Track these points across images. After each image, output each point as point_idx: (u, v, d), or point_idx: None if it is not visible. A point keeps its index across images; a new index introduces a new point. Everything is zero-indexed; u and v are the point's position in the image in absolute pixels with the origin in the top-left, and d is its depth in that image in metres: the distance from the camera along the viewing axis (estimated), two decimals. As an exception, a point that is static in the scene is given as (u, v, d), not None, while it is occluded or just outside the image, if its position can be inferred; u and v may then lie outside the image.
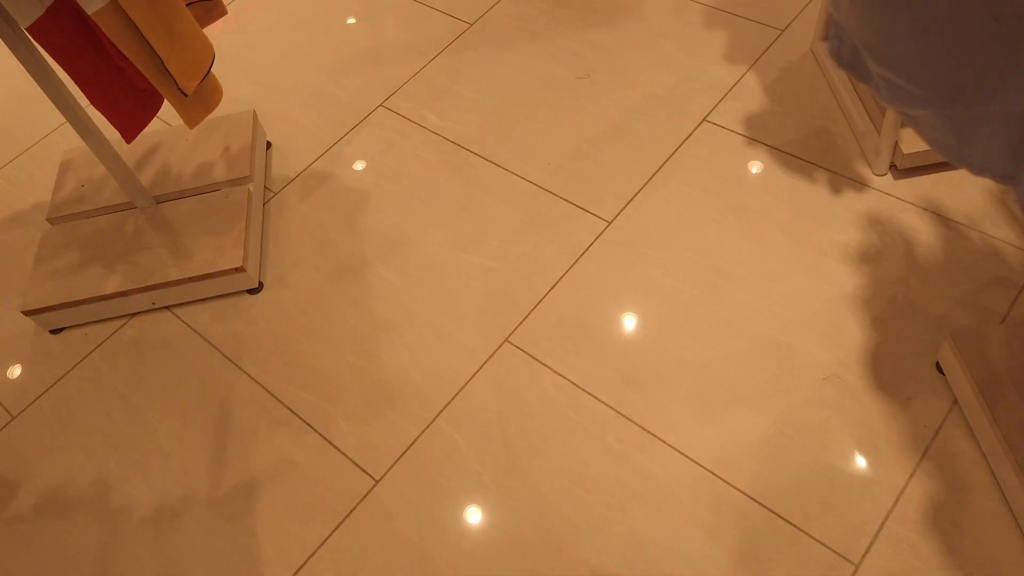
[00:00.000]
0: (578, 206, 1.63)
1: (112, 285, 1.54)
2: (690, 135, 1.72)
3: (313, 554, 1.25)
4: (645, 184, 1.64)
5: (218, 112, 1.97)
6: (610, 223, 1.59)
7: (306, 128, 1.91)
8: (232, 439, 1.40)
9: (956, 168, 1.54)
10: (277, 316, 1.56)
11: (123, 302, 1.55)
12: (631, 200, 1.62)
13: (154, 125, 2.00)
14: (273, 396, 1.44)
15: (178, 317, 1.59)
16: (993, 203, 1.48)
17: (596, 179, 1.67)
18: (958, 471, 1.20)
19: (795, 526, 1.18)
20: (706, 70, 1.83)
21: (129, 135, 1.39)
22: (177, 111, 1.30)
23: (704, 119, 1.74)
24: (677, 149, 1.70)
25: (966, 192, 1.50)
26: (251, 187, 1.67)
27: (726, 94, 1.78)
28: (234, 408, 1.44)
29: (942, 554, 1.13)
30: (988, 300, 1.36)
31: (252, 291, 1.59)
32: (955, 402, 1.26)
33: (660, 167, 1.67)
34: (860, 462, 1.23)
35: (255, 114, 1.81)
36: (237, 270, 1.52)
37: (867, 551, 1.15)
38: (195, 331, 1.56)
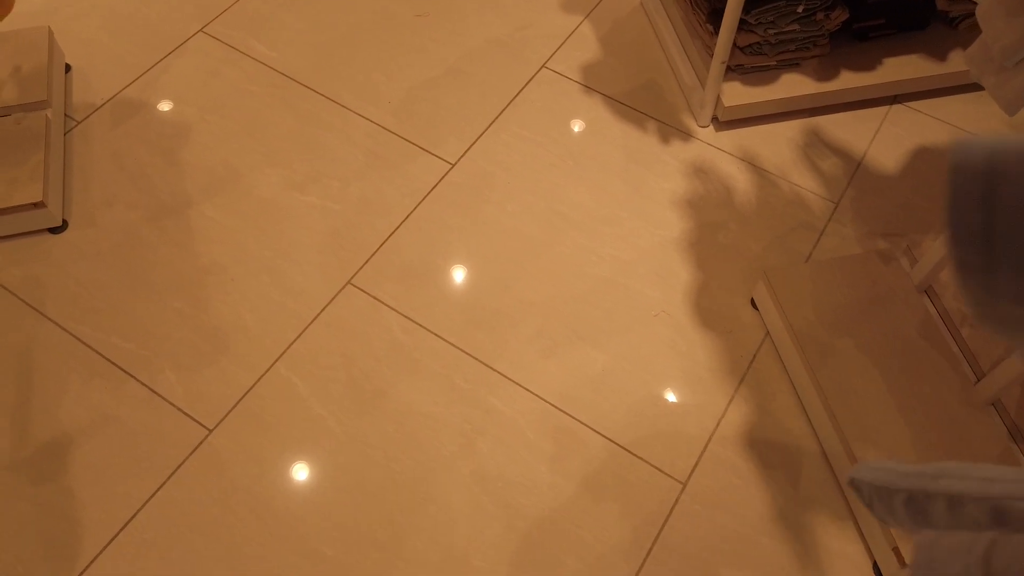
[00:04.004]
0: (420, 147, 1.60)
1: None
2: (530, 80, 1.73)
3: (140, 510, 1.16)
4: (488, 127, 1.64)
5: (6, 27, 1.71)
6: (453, 165, 1.58)
7: (112, 51, 1.71)
8: (37, 393, 1.25)
9: (770, 122, 1.67)
10: (87, 258, 1.40)
11: None
12: (474, 143, 1.61)
13: (-82, 37, 1.70)
14: (86, 345, 1.30)
15: (-38, 259, 1.38)
16: (799, 155, 1.63)
17: (438, 120, 1.65)
18: (769, 395, 1.33)
19: (630, 452, 1.26)
20: (543, 18, 1.85)
21: None
22: (-43, 15, 1.12)
23: (543, 66, 1.76)
24: (518, 94, 1.70)
25: (777, 145, 1.64)
26: (49, 113, 1.47)
27: (563, 42, 1.80)
28: (38, 360, 1.28)
29: (757, 468, 1.25)
30: (795, 242, 1.50)
31: (55, 230, 1.42)
32: (767, 333, 1.39)
33: (502, 111, 1.67)
34: (686, 391, 1.33)
35: (51, 31, 1.59)
36: (36, 205, 1.35)
37: (693, 471, 1.25)
38: (-15, 274, 1.37)
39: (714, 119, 1.67)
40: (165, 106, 1.63)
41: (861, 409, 1.22)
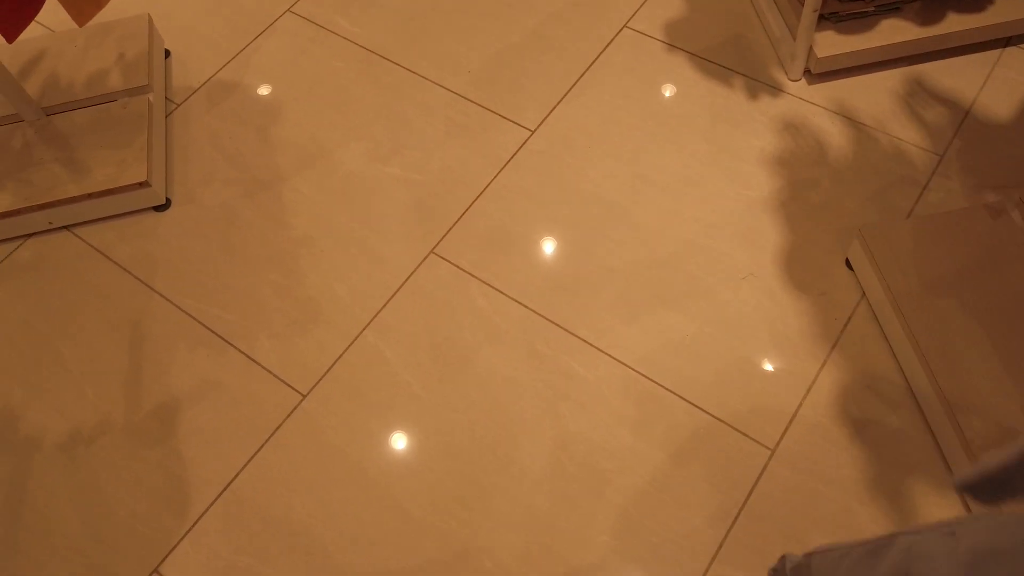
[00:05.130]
0: (500, 115, 1.60)
1: (2, 204, 1.42)
2: (611, 41, 1.69)
3: (242, 470, 1.23)
4: (567, 92, 1.62)
5: (108, 16, 1.81)
6: (533, 132, 1.57)
7: (207, 35, 1.78)
8: (148, 361, 1.34)
9: (867, 72, 1.58)
10: (189, 234, 1.48)
11: (16, 222, 1.44)
12: (554, 108, 1.60)
13: (37, 31, 1.83)
14: (190, 316, 1.38)
15: (79, 237, 1.49)
16: (900, 106, 1.53)
17: (518, 87, 1.64)
18: (865, 359, 1.27)
19: (716, 417, 1.24)
20: (625, -26, 1.80)
21: (11, 34, 1.26)
22: (64, 6, 1.19)
23: (625, 25, 1.72)
24: (599, 56, 1.67)
25: (875, 96, 1.55)
26: (151, 97, 1.56)
27: (646, 0, 1.75)
28: (148, 330, 1.37)
29: (850, 435, 1.21)
30: (895, 198, 1.42)
31: (159, 208, 1.51)
32: (863, 295, 1.32)
33: (582, 74, 1.65)
34: (776, 355, 1.29)
35: (150, 18, 1.68)
36: (142, 185, 1.43)
37: (782, 437, 1.22)
38: (99, 251, 1.47)
39: (806, 72, 1.59)
40: (257, 86, 1.69)
41: (966, 374, 1.15)
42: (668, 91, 1.60)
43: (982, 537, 0.56)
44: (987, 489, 0.45)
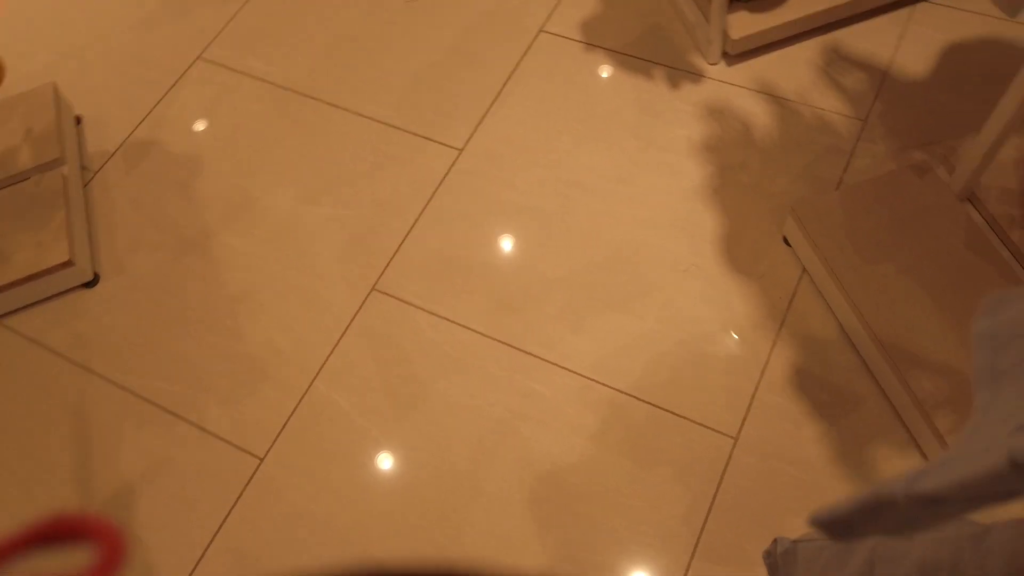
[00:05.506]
0: (427, 138, 1.58)
1: (-77, 305, 1.37)
2: (529, 48, 1.68)
3: (208, 547, 1.21)
4: (491, 105, 1.60)
5: (11, 90, 1.76)
6: (461, 151, 1.55)
7: (117, 94, 1.74)
8: (96, 448, 1.30)
9: (783, 47, 1.58)
10: (121, 307, 1.44)
11: (-60, 322, 1.40)
12: (479, 124, 1.58)
13: (-62, 117, 1.77)
14: (133, 394, 1.35)
15: (8, 328, 1.44)
16: (819, 76, 1.54)
17: (441, 107, 1.62)
18: (813, 332, 1.27)
19: (675, 414, 1.23)
20: (532, -23, 1.78)
21: None
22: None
23: (541, 30, 1.70)
24: (518, 64, 1.66)
25: (794, 69, 1.55)
26: (65, 169, 1.51)
27: (559, 2, 1.74)
28: (91, 415, 1.34)
29: (810, 411, 1.21)
30: (823, 170, 1.42)
31: (88, 284, 1.46)
32: (804, 271, 1.33)
33: (503, 85, 1.63)
34: (726, 342, 1.29)
35: (55, 87, 1.63)
36: (65, 265, 1.39)
37: (743, 424, 1.22)
38: (30, 339, 1.42)
39: (724, 55, 1.59)
40: (174, 141, 1.65)
41: (910, 335, 1.16)
42: (590, 91, 1.59)
43: (929, 550, 0.68)
44: (836, 530, 0.54)
